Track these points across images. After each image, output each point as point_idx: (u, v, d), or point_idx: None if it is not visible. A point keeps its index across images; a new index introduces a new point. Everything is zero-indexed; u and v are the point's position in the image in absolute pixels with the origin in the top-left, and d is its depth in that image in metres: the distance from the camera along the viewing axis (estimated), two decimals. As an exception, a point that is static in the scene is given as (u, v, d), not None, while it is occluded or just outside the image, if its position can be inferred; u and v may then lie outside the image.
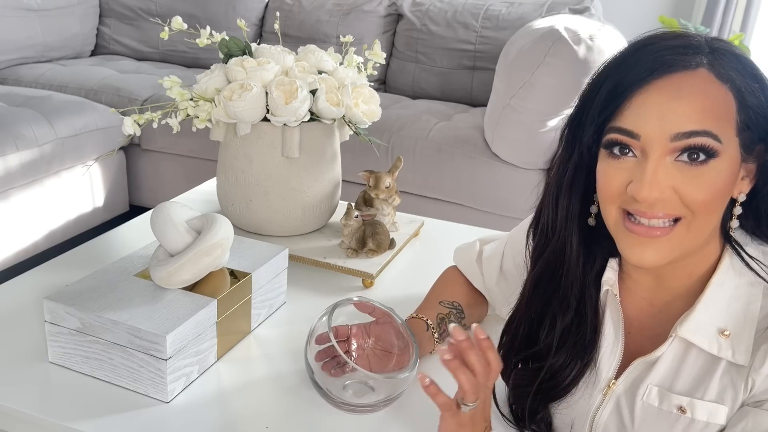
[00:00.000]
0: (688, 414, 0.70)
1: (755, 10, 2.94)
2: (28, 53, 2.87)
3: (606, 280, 0.77)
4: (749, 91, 0.64)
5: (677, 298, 0.74)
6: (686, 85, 0.63)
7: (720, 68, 0.64)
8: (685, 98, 0.63)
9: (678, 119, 0.63)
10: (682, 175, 0.64)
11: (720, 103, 0.63)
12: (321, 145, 1.22)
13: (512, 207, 2.13)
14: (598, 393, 0.76)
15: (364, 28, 2.82)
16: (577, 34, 1.90)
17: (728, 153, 0.64)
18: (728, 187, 0.66)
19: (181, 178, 2.54)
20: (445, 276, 1.06)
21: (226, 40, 1.22)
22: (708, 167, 0.64)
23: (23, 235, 2.16)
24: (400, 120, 2.30)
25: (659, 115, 0.63)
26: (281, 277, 1.05)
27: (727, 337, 0.69)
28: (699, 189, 0.64)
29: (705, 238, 0.69)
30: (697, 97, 0.63)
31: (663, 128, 0.63)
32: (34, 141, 2.10)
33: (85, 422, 0.79)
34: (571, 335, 0.77)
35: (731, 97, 0.64)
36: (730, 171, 0.65)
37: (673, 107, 0.63)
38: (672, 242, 0.67)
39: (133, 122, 1.13)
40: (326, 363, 0.84)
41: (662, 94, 0.64)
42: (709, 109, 0.63)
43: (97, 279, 0.90)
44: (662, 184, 0.64)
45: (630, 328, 0.77)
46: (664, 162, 0.64)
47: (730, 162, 0.65)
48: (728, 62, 0.65)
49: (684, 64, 0.64)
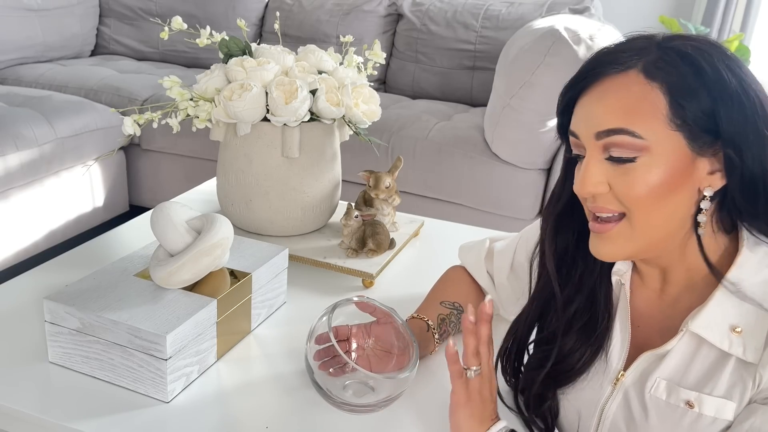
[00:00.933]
0: (696, 409, 0.70)
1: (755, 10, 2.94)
2: (28, 53, 2.87)
3: (616, 270, 0.79)
4: (685, 90, 0.65)
5: (684, 292, 0.75)
6: (612, 86, 0.68)
7: (652, 68, 0.66)
8: (607, 99, 0.68)
9: (598, 119, 0.68)
10: (613, 172, 0.68)
11: (645, 101, 0.66)
12: (321, 145, 1.22)
13: (512, 207, 2.13)
14: (608, 384, 0.77)
15: (364, 28, 2.83)
16: (577, 34, 1.90)
17: (662, 148, 0.66)
18: (670, 182, 0.67)
19: (181, 178, 2.54)
20: (446, 276, 1.06)
21: (226, 40, 1.22)
22: (637, 164, 0.67)
23: (23, 235, 2.16)
24: (400, 120, 2.30)
25: (586, 117, 0.70)
26: (281, 277, 1.05)
27: (738, 334, 0.69)
28: (630, 185, 0.67)
29: (664, 232, 0.70)
30: (618, 97, 0.67)
31: (588, 128, 0.69)
32: (34, 141, 2.10)
33: (85, 422, 0.78)
34: (581, 318, 0.79)
35: (661, 96, 0.66)
36: (669, 166, 0.66)
37: (595, 109, 0.69)
38: (621, 236, 0.70)
39: (133, 122, 1.13)
40: (326, 363, 0.84)
41: (590, 97, 0.69)
42: (630, 107, 0.66)
43: (97, 279, 0.90)
44: (593, 180, 0.69)
45: (639, 321, 0.78)
46: (598, 159, 0.69)
47: (667, 157, 0.66)
48: (666, 60, 0.66)
49: (615, 66, 0.68)
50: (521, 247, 0.97)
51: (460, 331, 1.00)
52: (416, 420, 0.84)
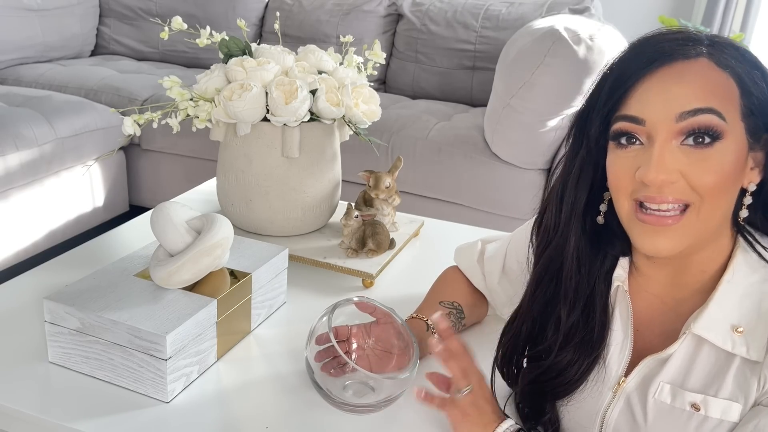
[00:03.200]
0: (702, 411, 0.69)
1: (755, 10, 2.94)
2: (28, 53, 2.87)
3: (617, 276, 0.77)
4: (751, 78, 0.66)
5: (690, 296, 0.74)
6: (687, 71, 0.65)
7: (720, 56, 0.66)
8: (688, 81, 0.65)
9: (682, 99, 0.65)
10: (688, 159, 0.65)
11: (722, 87, 0.65)
12: (321, 145, 1.22)
13: (512, 207, 2.13)
14: (607, 391, 0.76)
15: (364, 28, 2.83)
16: (577, 34, 1.90)
17: (734, 136, 0.65)
18: (736, 171, 0.66)
19: (181, 178, 2.54)
20: (445, 276, 1.06)
21: (226, 40, 1.22)
22: (714, 150, 0.65)
23: (23, 235, 2.16)
24: (400, 120, 2.30)
25: (663, 99, 0.65)
26: (281, 277, 1.05)
27: (740, 334, 0.68)
28: (706, 172, 0.65)
29: (716, 226, 0.69)
30: (698, 79, 0.65)
31: (667, 110, 0.65)
32: (34, 141, 2.10)
33: (85, 422, 0.78)
34: (578, 332, 0.77)
35: (733, 83, 0.65)
36: (737, 155, 0.66)
37: (676, 90, 0.65)
38: (683, 229, 0.67)
39: (133, 122, 1.13)
40: (326, 363, 0.84)
41: (664, 79, 0.66)
42: (711, 90, 0.64)
43: (97, 279, 0.90)
44: (669, 167, 0.65)
45: (639, 326, 0.77)
46: (670, 145, 0.65)
47: (737, 145, 0.66)
48: (728, 52, 0.66)
49: (684, 53, 0.66)
50: (512, 251, 0.96)
51: (460, 331, 1.00)
52: (416, 420, 0.84)
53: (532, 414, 0.81)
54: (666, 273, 0.75)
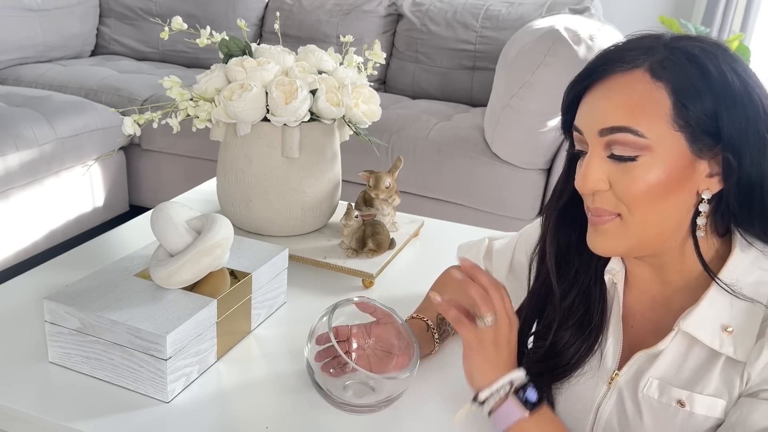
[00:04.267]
0: (687, 408, 0.71)
1: (755, 10, 2.94)
2: (28, 53, 2.87)
3: (609, 269, 0.80)
4: (690, 92, 0.65)
5: (677, 293, 0.75)
6: (617, 84, 0.68)
7: (658, 68, 0.67)
8: (612, 97, 0.68)
9: (602, 116, 0.68)
10: (614, 169, 0.69)
11: (649, 101, 0.66)
12: (321, 145, 1.22)
13: (512, 207, 2.13)
14: (602, 383, 0.78)
15: (364, 28, 2.83)
16: (577, 34, 1.90)
17: (663, 148, 0.66)
18: (669, 183, 0.67)
19: (181, 178, 2.54)
20: (445, 276, 1.06)
21: (226, 40, 1.22)
22: (637, 163, 0.67)
23: (23, 235, 2.16)
24: (400, 120, 2.30)
25: (590, 113, 0.70)
26: (281, 277, 1.05)
27: (729, 334, 0.69)
28: (629, 184, 0.68)
29: (658, 232, 0.70)
30: (623, 95, 0.67)
31: (592, 124, 0.69)
32: (34, 141, 2.10)
33: (85, 422, 0.78)
34: (577, 314, 0.79)
35: (665, 95, 0.66)
36: (669, 167, 0.67)
37: (600, 105, 0.69)
38: (616, 232, 0.71)
39: (133, 122, 1.13)
40: (326, 363, 0.84)
41: (595, 94, 0.70)
42: (635, 106, 0.67)
43: (97, 279, 0.90)
44: (594, 176, 0.69)
45: (633, 321, 0.79)
46: (600, 156, 0.69)
47: (667, 157, 0.66)
48: (673, 61, 0.67)
49: (621, 65, 0.68)
50: (520, 246, 0.97)
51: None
52: (417, 420, 0.84)
53: None
54: (645, 271, 0.77)
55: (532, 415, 0.71)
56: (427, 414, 0.85)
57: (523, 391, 0.73)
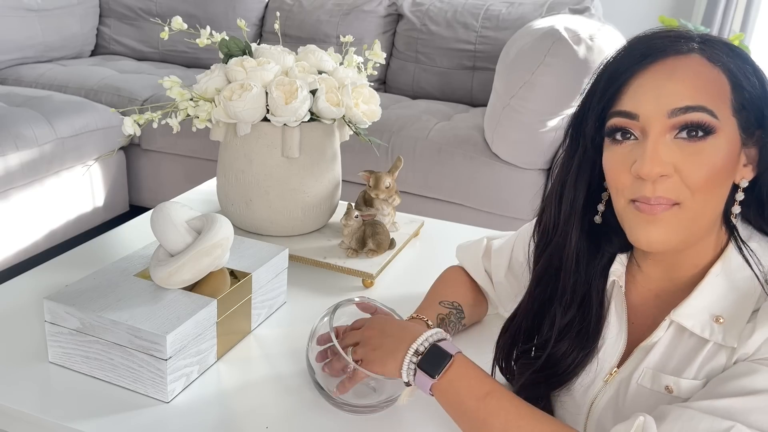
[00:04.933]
0: (675, 393, 0.71)
1: (755, 10, 2.94)
2: (28, 53, 2.87)
3: (614, 271, 0.79)
4: (742, 74, 0.67)
5: (681, 289, 0.75)
6: (679, 66, 0.66)
7: (711, 52, 0.67)
8: (679, 77, 0.66)
9: (674, 96, 0.66)
10: (681, 152, 0.66)
11: (713, 83, 0.66)
12: (321, 145, 1.22)
13: (512, 207, 2.13)
14: (599, 381, 0.78)
15: (364, 28, 2.82)
16: (577, 34, 1.90)
17: (726, 131, 0.66)
18: (728, 167, 0.67)
19: (181, 178, 2.54)
20: (445, 276, 1.06)
21: (226, 40, 1.22)
22: (707, 144, 0.66)
23: (23, 235, 2.16)
24: (400, 120, 2.30)
25: (655, 94, 0.66)
26: (281, 277, 1.05)
27: (720, 324, 0.70)
28: (699, 166, 0.66)
29: (708, 222, 0.70)
30: (690, 76, 0.66)
31: (660, 105, 0.66)
32: (34, 141, 2.10)
33: (85, 422, 0.78)
34: (575, 326, 0.79)
35: (725, 79, 0.66)
36: (729, 150, 0.67)
37: (668, 86, 0.66)
38: (674, 222, 0.68)
39: (133, 122, 1.13)
40: (327, 364, 0.84)
41: (657, 75, 0.67)
42: (702, 87, 0.66)
43: (97, 279, 0.90)
44: (663, 160, 0.66)
45: (634, 318, 0.79)
46: (664, 139, 0.67)
47: (729, 141, 0.67)
48: (719, 48, 0.68)
49: (676, 48, 0.67)
50: (519, 245, 0.97)
51: (460, 331, 1.00)
52: (417, 421, 0.84)
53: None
54: (661, 269, 0.77)
55: (448, 371, 0.72)
56: (427, 414, 0.85)
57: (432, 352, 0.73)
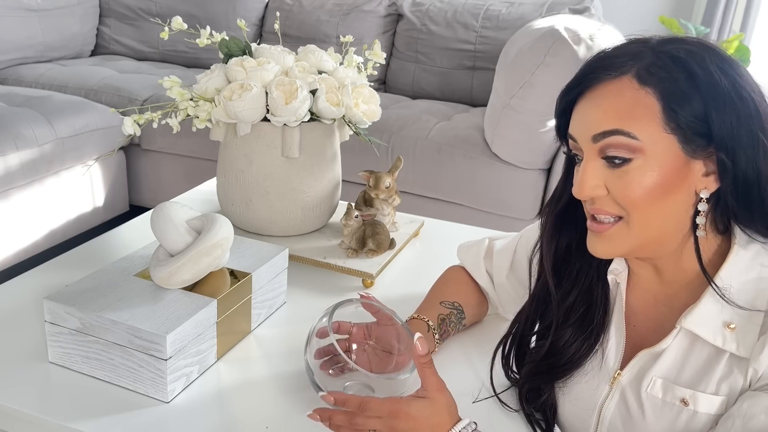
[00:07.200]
0: (691, 406, 0.71)
1: (755, 10, 2.94)
2: (28, 53, 2.87)
3: (612, 269, 0.80)
4: (678, 95, 0.66)
5: (679, 291, 0.76)
6: (606, 92, 0.69)
7: (646, 74, 0.67)
8: (602, 104, 0.69)
9: (594, 123, 0.69)
10: (610, 174, 0.70)
11: (639, 105, 0.67)
12: (321, 145, 1.22)
13: (512, 207, 2.13)
14: (604, 384, 0.78)
15: (364, 28, 2.83)
16: (577, 34, 1.90)
17: (656, 150, 0.67)
18: (665, 184, 0.68)
19: (181, 178, 2.54)
20: (446, 276, 1.06)
21: (226, 40, 1.22)
22: (631, 167, 0.68)
23: (23, 235, 2.16)
24: (400, 120, 2.30)
25: (582, 120, 0.71)
26: (281, 277, 1.05)
27: (732, 331, 0.70)
28: (625, 187, 0.69)
29: (659, 232, 0.71)
30: (613, 101, 0.68)
31: (585, 131, 0.70)
32: (34, 141, 2.10)
33: (85, 422, 0.78)
34: (577, 311, 0.80)
35: (653, 100, 0.67)
36: (664, 168, 0.67)
37: (592, 113, 0.70)
38: (617, 238, 0.72)
39: (133, 122, 1.13)
40: (326, 362, 0.84)
41: (586, 102, 0.71)
42: (624, 110, 0.67)
43: (97, 279, 0.90)
44: (591, 183, 0.70)
45: (635, 321, 0.79)
46: (595, 163, 0.70)
47: (662, 159, 0.67)
48: (660, 65, 0.67)
49: (609, 72, 0.69)
50: (521, 247, 0.97)
51: (460, 331, 1.00)
52: (416, 420, 0.84)
53: (533, 396, 0.84)
54: (648, 271, 0.78)
55: None
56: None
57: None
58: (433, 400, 0.71)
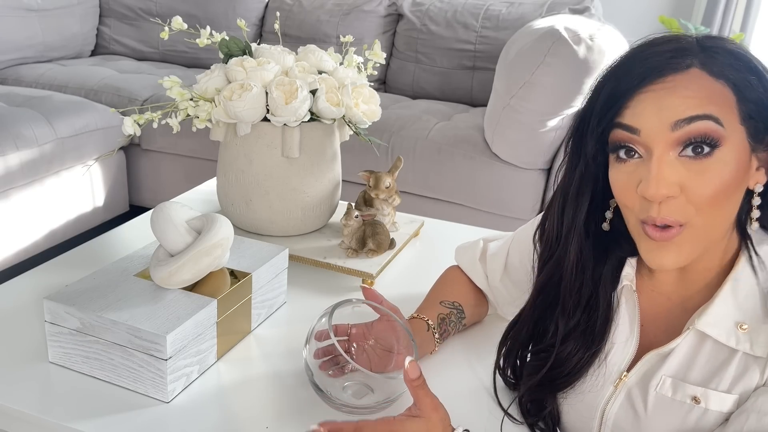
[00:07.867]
0: (702, 404, 0.70)
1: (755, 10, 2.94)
2: (28, 53, 2.87)
3: (626, 275, 0.78)
4: (746, 85, 0.65)
5: (696, 293, 0.75)
6: (680, 83, 0.64)
7: (712, 66, 0.65)
8: (681, 91, 0.64)
9: (676, 107, 0.64)
10: (687, 171, 0.64)
11: (718, 94, 0.64)
12: (321, 145, 1.22)
13: (512, 207, 2.13)
14: (609, 385, 0.77)
15: (364, 28, 2.83)
16: (577, 34, 1.90)
17: (733, 141, 0.65)
18: (737, 178, 0.66)
19: (181, 178, 2.54)
20: (446, 276, 1.06)
21: (226, 40, 1.22)
22: (713, 159, 0.64)
23: (23, 235, 2.16)
24: (400, 120, 2.30)
25: (657, 108, 0.64)
26: (281, 277, 1.05)
27: (745, 331, 0.69)
28: (705, 184, 0.64)
29: (719, 232, 0.69)
30: (692, 88, 0.64)
31: (662, 119, 0.64)
32: (34, 141, 2.10)
33: (85, 422, 0.78)
34: (580, 327, 0.78)
35: (729, 91, 0.65)
36: (738, 161, 0.65)
37: (670, 99, 0.64)
38: (685, 244, 0.67)
39: (133, 122, 1.13)
40: (325, 362, 0.84)
41: (657, 93, 0.65)
42: (706, 96, 0.64)
43: (97, 279, 0.90)
44: (669, 180, 0.64)
45: (645, 322, 0.78)
46: (669, 157, 0.65)
47: (737, 151, 0.65)
48: (721, 59, 0.65)
49: (674, 67, 0.65)
50: (514, 249, 0.97)
51: (460, 331, 1.00)
52: (416, 420, 0.84)
53: (534, 408, 0.82)
54: (674, 273, 0.76)
55: None
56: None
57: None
58: (428, 420, 0.70)
